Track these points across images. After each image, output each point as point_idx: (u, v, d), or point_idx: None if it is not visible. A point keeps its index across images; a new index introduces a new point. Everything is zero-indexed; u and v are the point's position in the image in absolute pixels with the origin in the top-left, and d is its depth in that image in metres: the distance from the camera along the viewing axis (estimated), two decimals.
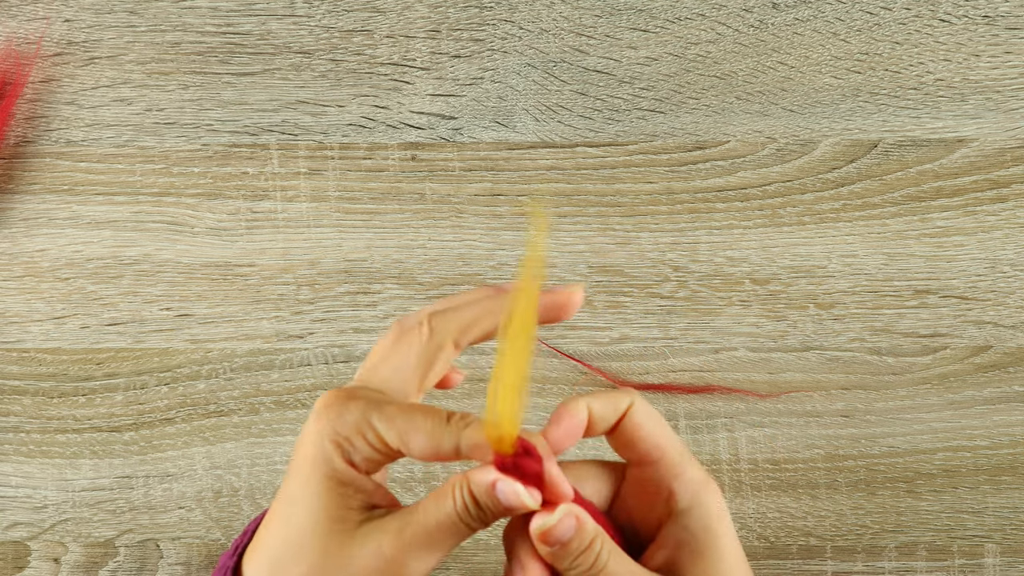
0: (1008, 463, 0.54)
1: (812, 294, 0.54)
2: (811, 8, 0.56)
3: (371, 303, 0.55)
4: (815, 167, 0.55)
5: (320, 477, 0.33)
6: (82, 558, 0.55)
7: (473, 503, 0.33)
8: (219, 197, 0.56)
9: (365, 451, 0.33)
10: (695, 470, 0.36)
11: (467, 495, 0.33)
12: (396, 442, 0.33)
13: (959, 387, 0.54)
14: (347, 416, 0.34)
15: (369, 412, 0.34)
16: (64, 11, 0.57)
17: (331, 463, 0.33)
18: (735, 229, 0.55)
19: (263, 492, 0.55)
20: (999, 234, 0.54)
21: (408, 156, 0.56)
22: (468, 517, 0.33)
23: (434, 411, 0.34)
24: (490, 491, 0.33)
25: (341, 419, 0.33)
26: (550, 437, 0.34)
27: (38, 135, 0.56)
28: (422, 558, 0.33)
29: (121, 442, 0.55)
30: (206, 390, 0.55)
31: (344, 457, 0.33)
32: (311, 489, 0.33)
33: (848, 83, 0.55)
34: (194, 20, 0.56)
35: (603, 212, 0.55)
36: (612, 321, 0.55)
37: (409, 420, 0.33)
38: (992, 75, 0.55)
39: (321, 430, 0.34)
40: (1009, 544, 0.53)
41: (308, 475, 0.34)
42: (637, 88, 0.56)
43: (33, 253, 0.56)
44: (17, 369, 0.55)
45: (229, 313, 0.55)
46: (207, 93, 0.56)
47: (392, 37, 0.56)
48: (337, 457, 0.33)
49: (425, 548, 0.33)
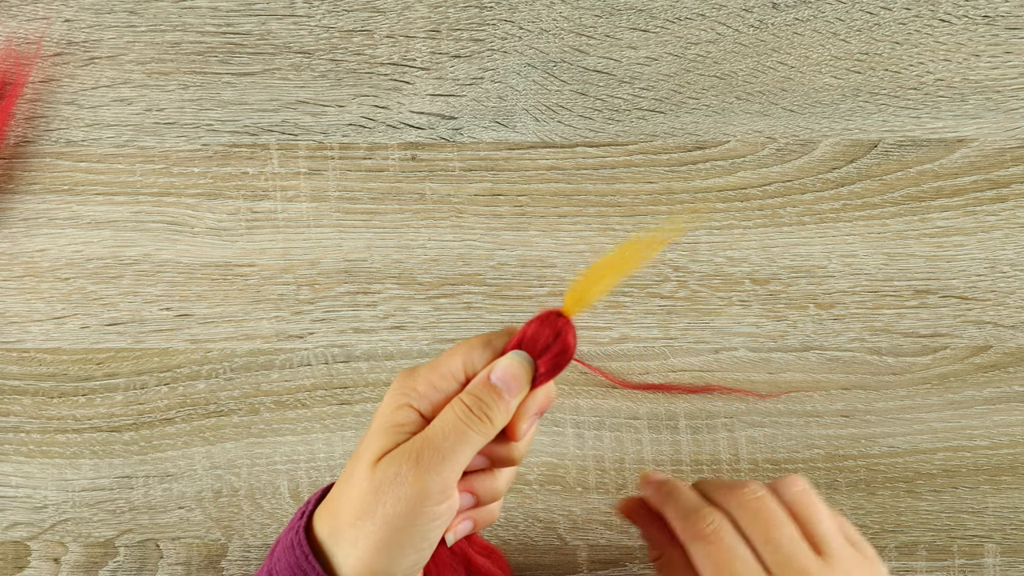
0: (1008, 463, 0.54)
1: (812, 294, 0.54)
2: (811, 8, 0.56)
3: (371, 303, 0.55)
4: (815, 167, 0.55)
5: (379, 429, 0.39)
6: (82, 558, 0.55)
7: (472, 400, 0.38)
8: (219, 197, 0.56)
9: (422, 388, 0.39)
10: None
11: (466, 397, 0.39)
12: (444, 369, 0.40)
13: (959, 387, 0.54)
14: (408, 374, 0.40)
15: (422, 365, 0.41)
16: (64, 11, 0.57)
17: (391, 413, 0.39)
18: (735, 229, 0.55)
19: (263, 492, 0.55)
20: (999, 234, 0.54)
21: (408, 156, 0.56)
22: (468, 416, 0.38)
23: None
24: (485, 381, 0.39)
25: (404, 376, 0.40)
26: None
27: (38, 135, 0.56)
28: (436, 469, 0.37)
29: (121, 442, 0.55)
30: (206, 390, 0.55)
31: (405, 403, 0.39)
32: (369, 440, 0.39)
33: (848, 83, 0.55)
34: (194, 20, 0.56)
35: (603, 212, 0.55)
36: (612, 321, 0.55)
37: (451, 351, 0.40)
38: (992, 75, 0.55)
39: (389, 392, 0.40)
40: (1009, 544, 0.53)
41: (371, 430, 0.39)
42: (637, 88, 0.56)
43: (33, 253, 0.56)
44: (17, 369, 0.55)
45: (229, 313, 0.55)
46: (207, 93, 0.56)
47: (392, 37, 0.56)
48: (397, 405, 0.39)
49: (438, 461, 0.37)
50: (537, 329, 0.40)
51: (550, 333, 0.39)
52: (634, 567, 0.54)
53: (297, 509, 0.41)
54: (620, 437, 0.50)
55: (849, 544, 0.41)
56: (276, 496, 0.55)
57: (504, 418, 0.39)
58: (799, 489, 0.42)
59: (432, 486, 0.37)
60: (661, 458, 0.54)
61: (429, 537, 0.38)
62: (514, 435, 0.40)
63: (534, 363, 0.40)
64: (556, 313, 0.40)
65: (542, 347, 0.40)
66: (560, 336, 0.39)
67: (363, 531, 0.37)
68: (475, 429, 0.38)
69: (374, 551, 0.37)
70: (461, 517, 0.41)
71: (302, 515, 0.40)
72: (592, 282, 0.39)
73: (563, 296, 0.40)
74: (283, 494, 0.55)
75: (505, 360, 0.39)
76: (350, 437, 0.55)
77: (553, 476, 0.54)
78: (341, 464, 0.55)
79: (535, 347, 0.40)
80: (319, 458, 0.55)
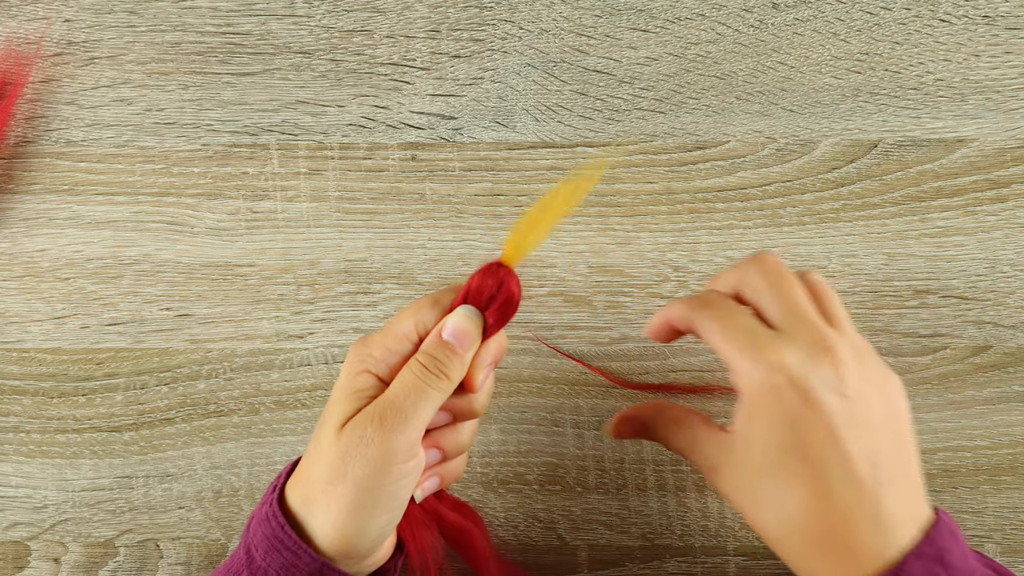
0: (1008, 463, 0.54)
1: None
2: (811, 8, 0.56)
3: (371, 303, 0.55)
4: (815, 167, 0.55)
5: (340, 397, 0.40)
6: (82, 558, 0.55)
7: (427, 358, 0.40)
8: (219, 197, 0.56)
9: (377, 353, 0.40)
10: (737, 370, 0.39)
11: (421, 357, 0.40)
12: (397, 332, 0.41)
13: (959, 387, 0.54)
14: (362, 342, 0.41)
15: (374, 332, 0.42)
16: (64, 11, 0.57)
17: (351, 380, 0.40)
18: (735, 229, 0.55)
19: (263, 492, 0.55)
20: (999, 234, 0.54)
21: (408, 156, 0.56)
22: (425, 374, 0.40)
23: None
24: (438, 339, 0.40)
25: (359, 344, 0.41)
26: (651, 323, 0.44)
27: (38, 135, 0.56)
28: (400, 428, 0.38)
29: (121, 442, 0.55)
30: (206, 390, 0.55)
31: (363, 369, 0.40)
32: (332, 408, 0.40)
33: (848, 83, 0.55)
34: (194, 20, 0.56)
35: (603, 212, 0.55)
36: (612, 321, 0.55)
37: (400, 314, 0.42)
38: (992, 75, 0.55)
39: (346, 361, 0.41)
40: (1009, 544, 0.53)
41: (333, 399, 0.40)
42: (637, 88, 0.56)
43: (33, 253, 0.56)
44: (17, 369, 0.55)
45: (229, 313, 0.55)
46: (207, 93, 0.56)
47: (392, 37, 0.56)
48: (356, 372, 0.40)
49: (401, 420, 0.38)
50: (480, 281, 0.41)
51: (493, 284, 0.41)
52: (634, 567, 0.54)
53: (269, 484, 0.42)
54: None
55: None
56: None
57: (460, 372, 0.41)
58: (817, 279, 0.41)
59: (398, 445, 0.38)
60: (661, 458, 0.54)
61: (399, 496, 0.39)
62: (472, 387, 0.42)
63: (482, 316, 0.41)
64: (497, 264, 0.41)
65: (487, 298, 0.41)
66: (503, 286, 0.41)
67: (334, 495, 0.38)
68: (433, 386, 0.40)
69: (346, 514, 0.38)
70: (428, 474, 0.43)
71: (274, 488, 0.41)
72: (528, 230, 0.40)
73: (503, 249, 0.41)
74: None
75: (454, 316, 0.41)
76: None
77: (553, 476, 0.54)
78: None
79: (480, 299, 0.41)
80: None
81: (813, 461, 0.36)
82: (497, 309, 0.41)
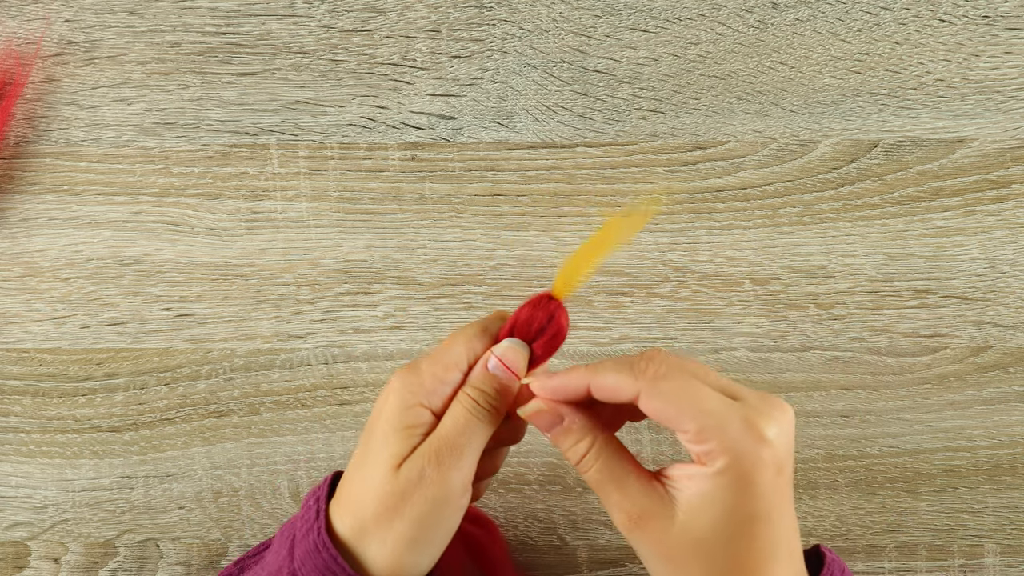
0: (1008, 463, 0.54)
1: (812, 294, 0.54)
2: (811, 8, 0.55)
3: (371, 303, 0.55)
4: (815, 167, 0.55)
5: (391, 431, 0.39)
6: (82, 558, 0.55)
7: (477, 392, 0.40)
8: (219, 197, 0.56)
9: (429, 384, 0.40)
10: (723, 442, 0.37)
11: (471, 391, 0.40)
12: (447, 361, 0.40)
13: (959, 387, 0.54)
14: (411, 371, 0.41)
15: (422, 359, 0.41)
16: (64, 11, 0.57)
17: (402, 414, 0.40)
18: (735, 229, 0.55)
19: (263, 492, 0.55)
20: (999, 234, 0.54)
21: (408, 156, 0.56)
22: (477, 410, 0.39)
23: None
24: (487, 372, 0.40)
25: (408, 374, 0.41)
26: (545, 385, 0.40)
27: (38, 135, 0.56)
28: (457, 466, 0.38)
29: (121, 442, 0.55)
30: (206, 390, 0.55)
31: (416, 403, 0.40)
32: (383, 440, 0.39)
33: (848, 83, 0.55)
34: (194, 20, 0.56)
35: (603, 212, 0.55)
36: (612, 321, 0.55)
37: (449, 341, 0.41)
38: (992, 75, 0.55)
39: (392, 389, 0.40)
40: (1009, 544, 0.53)
41: (383, 431, 0.40)
42: (637, 88, 0.56)
43: (33, 253, 0.56)
44: (17, 369, 0.55)
45: (229, 313, 0.55)
46: (207, 93, 0.56)
47: (392, 37, 0.56)
48: (408, 405, 0.40)
49: (457, 457, 0.38)
50: (530, 313, 0.41)
51: (543, 316, 0.41)
52: (634, 567, 0.54)
53: (306, 504, 0.42)
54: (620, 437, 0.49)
55: None
56: (276, 496, 0.55)
57: (507, 405, 0.40)
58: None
59: (456, 483, 0.38)
60: (661, 458, 0.54)
61: (452, 529, 0.39)
62: (517, 416, 0.41)
63: (529, 348, 0.41)
64: (547, 297, 0.41)
65: (536, 331, 0.41)
66: (553, 319, 0.41)
67: (391, 531, 0.38)
68: (484, 420, 0.39)
69: (403, 548, 0.38)
70: None
71: (317, 513, 0.41)
72: (579, 264, 0.40)
73: (552, 280, 0.41)
74: (283, 494, 0.55)
75: (501, 349, 0.41)
76: (350, 437, 0.55)
77: (553, 476, 0.54)
78: (341, 464, 0.55)
79: (529, 331, 0.41)
80: (319, 458, 0.55)
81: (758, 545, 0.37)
82: (546, 342, 0.41)
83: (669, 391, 0.37)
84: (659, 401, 0.37)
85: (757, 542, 0.37)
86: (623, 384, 0.38)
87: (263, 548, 0.46)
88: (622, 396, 0.38)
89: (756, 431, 0.37)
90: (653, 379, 0.37)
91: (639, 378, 0.37)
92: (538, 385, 0.40)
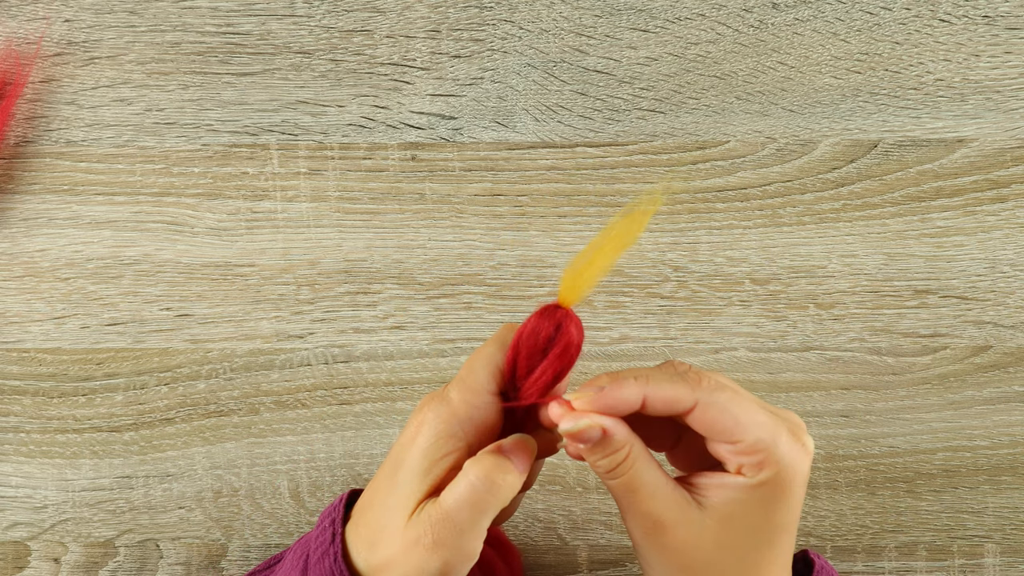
0: (1008, 463, 0.54)
1: (812, 294, 0.54)
2: (811, 8, 0.56)
3: (371, 303, 0.55)
4: (815, 167, 0.55)
5: (418, 466, 0.38)
6: (82, 558, 0.55)
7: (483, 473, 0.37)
8: (219, 197, 0.56)
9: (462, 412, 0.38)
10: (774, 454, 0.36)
11: (479, 471, 0.37)
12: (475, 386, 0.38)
13: (959, 387, 0.54)
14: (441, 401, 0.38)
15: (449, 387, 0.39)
16: (64, 11, 0.57)
17: (432, 445, 0.38)
18: (735, 229, 0.55)
19: (263, 492, 0.55)
20: (999, 234, 0.54)
21: (408, 156, 0.56)
22: (484, 488, 0.36)
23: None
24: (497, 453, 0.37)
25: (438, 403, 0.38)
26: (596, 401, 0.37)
27: (38, 135, 0.56)
28: (459, 547, 0.37)
29: (121, 442, 0.55)
30: (206, 390, 0.55)
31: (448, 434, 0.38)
32: (408, 478, 0.38)
33: (848, 83, 0.55)
34: (194, 20, 0.56)
35: (603, 212, 0.55)
36: (612, 321, 0.55)
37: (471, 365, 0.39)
38: (992, 75, 0.55)
39: (424, 420, 0.38)
40: (1009, 544, 0.53)
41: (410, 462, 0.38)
42: (637, 88, 0.56)
43: (33, 253, 0.56)
44: (17, 369, 0.55)
45: (229, 313, 0.55)
46: (207, 93, 0.56)
47: (392, 37, 0.56)
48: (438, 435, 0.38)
49: (456, 536, 0.36)
50: (536, 324, 0.37)
51: (550, 327, 0.37)
52: (634, 567, 0.54)
53: (321, 524, 0.40)
54: None
55: None
56: (276, 496, 0.55)
57: (520, 481, 0.38)
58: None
59: (454, 559, 0.37)
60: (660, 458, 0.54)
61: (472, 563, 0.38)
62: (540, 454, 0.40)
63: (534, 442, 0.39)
64: (554, 306, 0.37)
65: (544, 342, 0.37)
66: (561, 329, 0.37)
67: (410, 566, 0.37)
68: (491, 497, 0.37)
69: None
70: None
71: (333, 536, 0.39)
72: (586, 267, 0.37)
73: (557, 288, 0.38)
74: (283, 494, 0.55)
75: (509, 442, 0.38)
76: (350, 437, 0.55)
77: (553, 476, 0.54)
78: (341, 464, 0.55)
79: (536, 344, 0.37)
80: (319, 458, 0.55)
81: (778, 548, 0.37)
82: (556, 358, 0.37)
83: (727, 403, 0.36)
84: (717, 412, 0.36)
85: (774, 552, 0.37)
86: (681, 395, 0.36)
87: (274, 562, 0.45)
88: (677, 408, 0.37)
89: (802, 444, 0.37)
90: (710, 390, 0.36)
91: (695, 389, 0.36)
92: (586, 401, 0.37)
